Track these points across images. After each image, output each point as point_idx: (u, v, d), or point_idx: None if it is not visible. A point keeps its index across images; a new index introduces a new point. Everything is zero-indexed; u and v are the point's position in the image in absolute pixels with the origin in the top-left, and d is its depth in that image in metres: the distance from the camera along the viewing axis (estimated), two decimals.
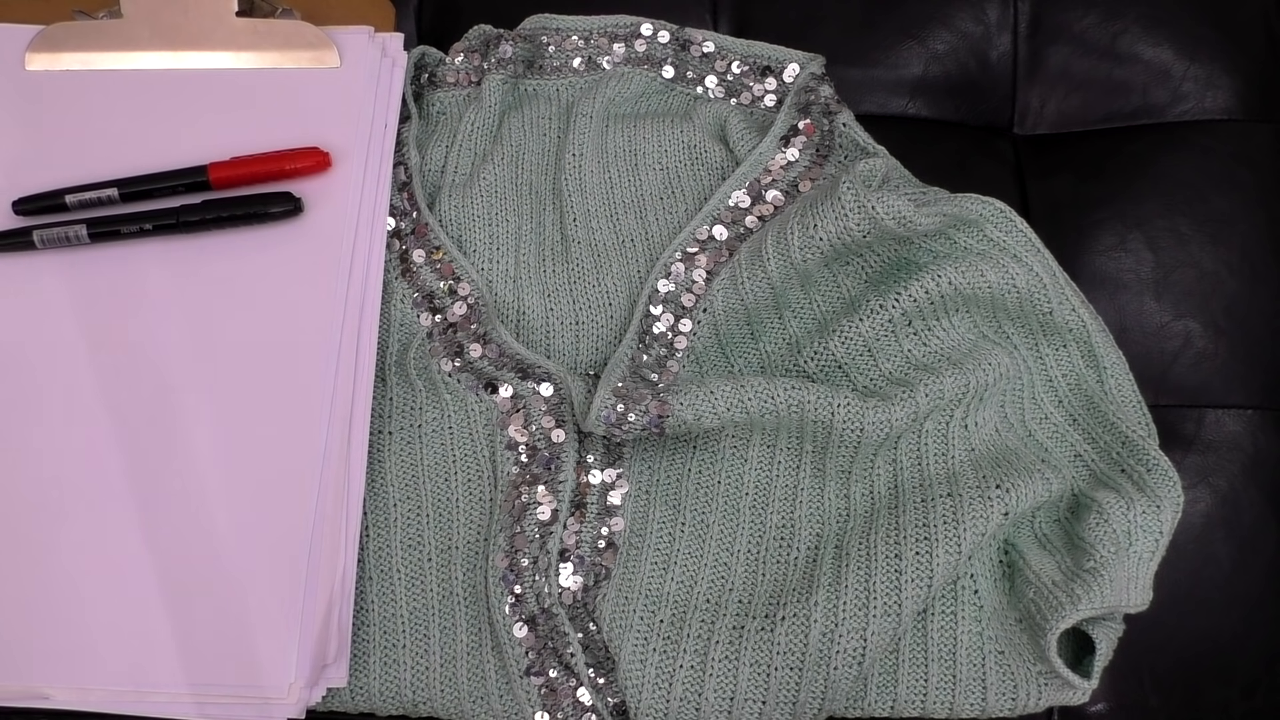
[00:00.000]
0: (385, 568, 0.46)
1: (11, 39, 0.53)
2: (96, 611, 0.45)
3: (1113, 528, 0.43)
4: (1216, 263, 0.53)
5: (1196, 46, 0.56)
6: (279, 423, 0.47)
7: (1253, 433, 0.51)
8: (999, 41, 0.57)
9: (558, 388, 0.47)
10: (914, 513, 0.44)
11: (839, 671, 0.42)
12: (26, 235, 0.49)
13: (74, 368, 0.48)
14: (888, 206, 0.45)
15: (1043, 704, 0.44)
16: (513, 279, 0.51)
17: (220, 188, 0.50)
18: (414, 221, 0.52)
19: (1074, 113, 0.57)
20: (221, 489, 0.46)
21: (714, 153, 0.53)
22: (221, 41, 0.53)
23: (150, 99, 0.52)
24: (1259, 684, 0.48)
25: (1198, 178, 0.54)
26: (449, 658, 0.45)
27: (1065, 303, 0.47)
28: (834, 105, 0.53)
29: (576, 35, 0.56)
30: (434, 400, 0.48)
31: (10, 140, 0.52)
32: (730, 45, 0.55)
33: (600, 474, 0.47)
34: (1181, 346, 0.52)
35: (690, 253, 0.51)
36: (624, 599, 0.45)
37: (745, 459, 0.47)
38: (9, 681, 0.44)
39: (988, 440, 0.47)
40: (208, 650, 0.44)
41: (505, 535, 0.45)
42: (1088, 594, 0.41)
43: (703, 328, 0.49)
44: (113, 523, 0.46)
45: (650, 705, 0.43)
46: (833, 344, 0.47)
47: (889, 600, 0.42)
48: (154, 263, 0.50)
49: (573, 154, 0.53)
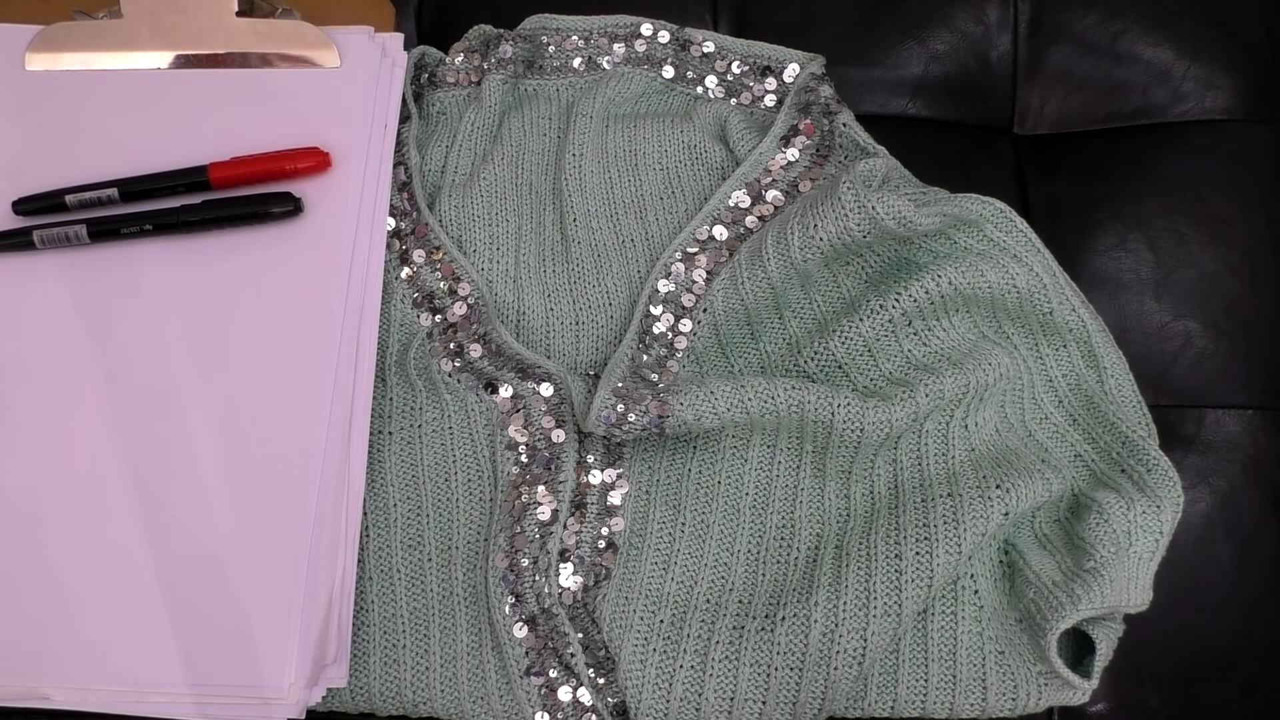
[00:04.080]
0: (385, 568, 0.46)
1: (11, 39, 0.53)
2: (96, 611, 0.45)
3: (1113, 528, 0.43)
4: (1217, 263, 0.53)
5: (1196, 46, 0.56)
6: (279, 423, 0.47)
7: (1253, 433, 0.51)
8: (999, 41, 0.57)
9: (558, 388, 0.47)
10: (914, 513, 0.44)
11: (839, 672, 0.42)
12: (26, 235, 0.49)
13: (74, 368, 0.48)
14: (888, 206, 0.45)
15: (1043, 704, 0.44)
16: (513, 279, 0.51)
17: (220, 188, 0.50)
18: (414, 221, 0.52)
19: (1074, 113, 0.57)
20: (221, 489, 0.46)
21: (714, 153, 0.53)
22: (221, 41, 0.53)
23: (150, 99, 0.52)
24: (1259, 684, 0.48)
25: (1198, 178, 0.54)
26: (449, 658, 0.45)
27: (1065, 303, 0.47)
28: (834, 105, 0.53)
29: (576, 35, 0.56)
30: (434, 400, 0.48)
31: (10, 140, 0.52)
32: (730, 45, 0.55)
33: (600, 474, 0.47)
34: (1181, 346, 0.52)
35: (690, 253, 0.51)
36: (624, 599, 0.45)
37: (745, 459, 0.47)
38: (9, 681, 0.44)
39: (988, 440, 0.47)
40: (208, 650, 0.44)
41: (505, 535, 0.45)
42: (1088, 594, 0.41)
43: (703, 328, 0.49)
44: (113, 523, 0.46)
45: (650, 705, 0.43)
46: (833, 344, 0.47)
47: (889, 600, 0.42)
48: (154, 263, 0.50)
49: (573, 154, 0.53)
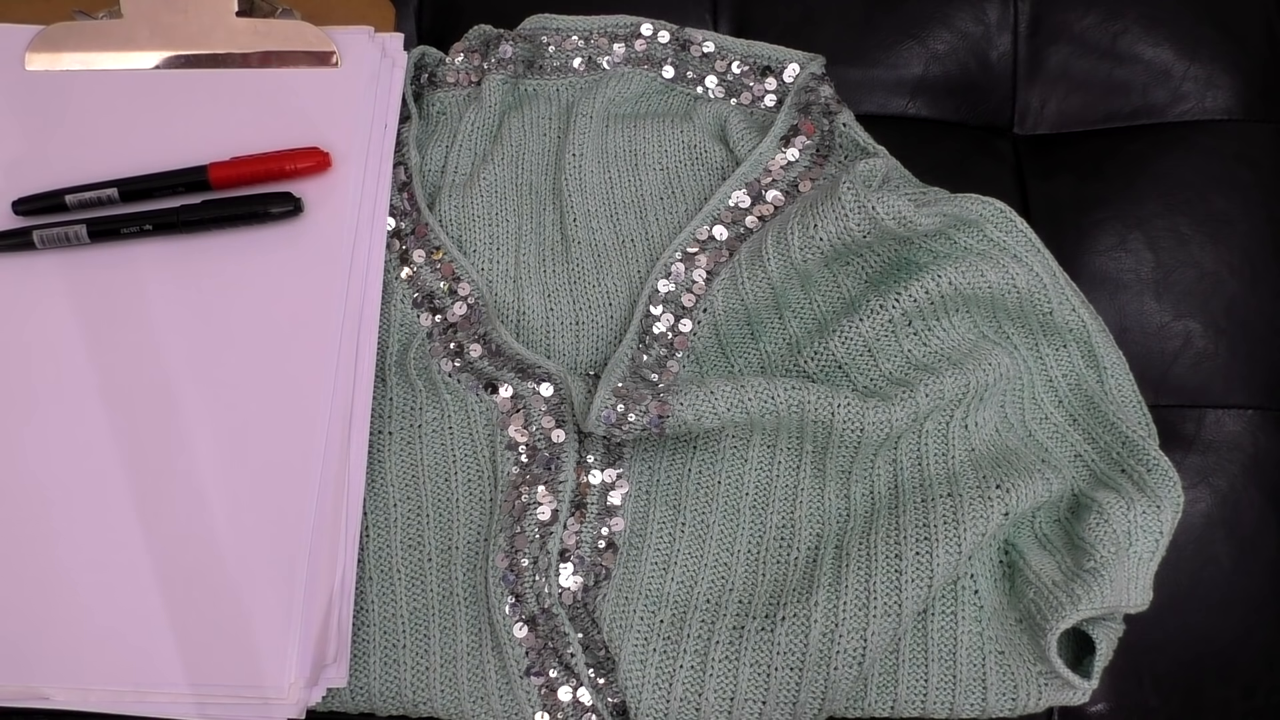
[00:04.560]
0: (385, 568, 0.46)
1: (11, 39, 0.53)
2: (96, 611, 0.45)
3: (1113, 528, 0.43)
4: (1217, 263, 0.53)
5: (1196, 46, 0.56)
6: (279, 423, 0.47)
7: (1253, 433, 0.51)
8: (999, 41, 0.57)
9: (558, 388, 0.47)
10: (914, 513, 0.44)
11: (839, 672, 0.42)
12: (26, 235, 0.49)
13: (74, 368, 0.48)
14: (888, 206, 0.45)
15: (1043, 704, 0.44)
16: (513, 279, 0.51)
17: (220, 188, 0.50)
18: (414, 221, 0.52)
19: (1074, 113, 0.57)
20: (222, 488, 0.46)
21: (714, 153, 0.53)
22: (221, 41, 0.53)
23: (150, 99, 0.52)
24: (1259, 684, 0.48)
25: (1198, 178, 0.54)
26: (449, 658, 0.45)
27: (1065, 303, 0.47)
28: (834, 105, 0.53)
29: (576, 35, 0.56)
30: (434, 400, 0.48)
31: (10, 140, 0.52)
32: (730, 45, 0.55)
33: (600, 474, 0.47)
34: (1182, 346, 0.52)
35: (690, 253, 0.51)
36: (624, 599, 0.45)
37: (745, 459, 0.47)
38: (9, 681, 0.44)
39: (988, 440, 0.47)
40: (208, 650, 0.44)
41: (505, 535, 0.45)
42: (1088, 594, 0.41)
43: (703, 328, 0.49)
44: (113, 523, 0.46)
45: (650, 705, 0.43)
46: (833, 344, 0.47)
47: (889, 600, 0.42)
48: (154, 263, 0.50)
49: (573, 154, 0.53)
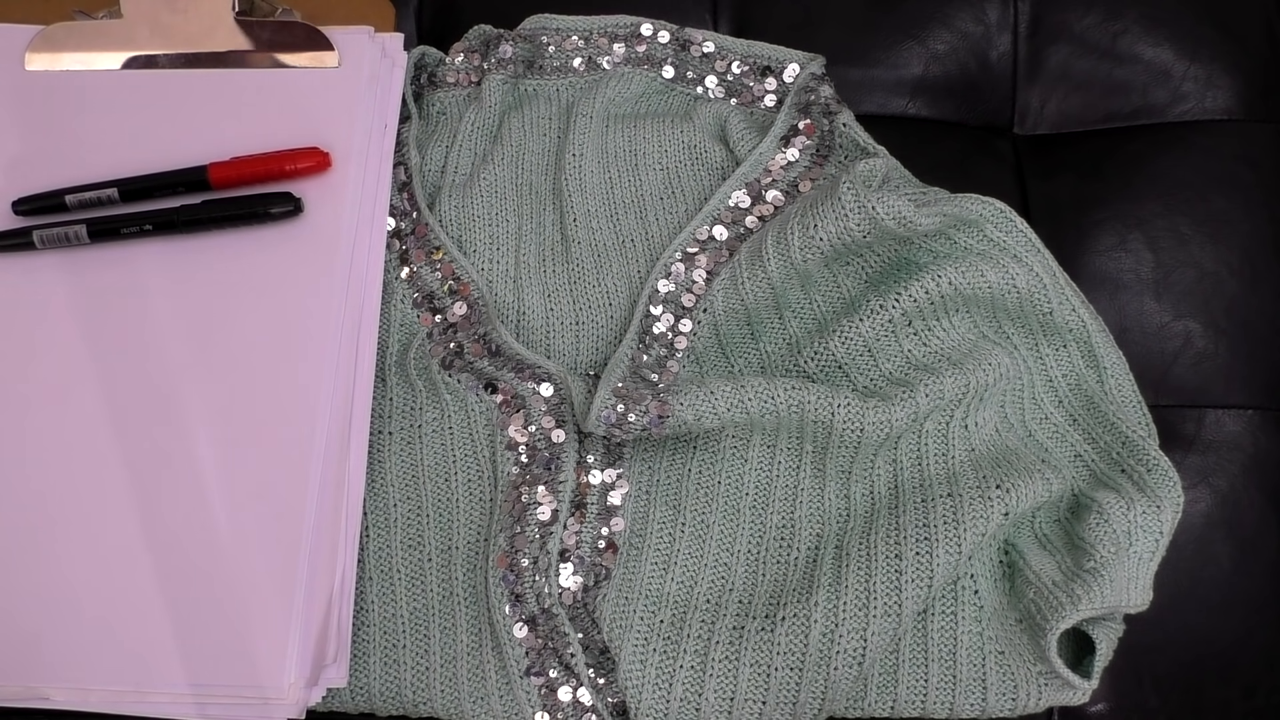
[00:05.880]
0: (385, 568, 0.46)
1: (11, 39, 0.53)
2: (96, 611, 0.45)
3: (1113, 528, 0.43)
4: (1217, 263, 0.53)
5: (1196, 46, 0.56)
6: (278, 423, 0.47)
7: (1253, 433, 0.51)
8: (999, 41, 0.57)
9: (558, 388, 0.47)
10: (914, 513, 0.44)
11: (839, 672, 0.42)
12: (26, 235, 0.49)
13: (74, 368, 0.48)
14: (888, 206, 0.45)
15: (1043, 704, 0.44)
16: (513, 279, 0.51)
17: (220, 188, 0.50)
18: (414, 221, 0.52)
19: (1074, 113, 0.57)
20: (221, 488, 0.46)
21: (714, 153, 0.53)
22: (221, 41, 0.53)
23: (150, 99, 0.52)
24: (1259, 684, 0.48)
25: (1198, 178, 0.54)
26: (449, 658, 0.45)
27: (1065, 303, 0.47)
28: (834, 105, 0.53)
29: (576, 35, 0.56)
30: (434, 400, 0.48)
31: (10, 140, 0.52)
32: (730, 45, 0.55)
33: (600, 474, 0.47)
34: (1181, 346, 0.52)
35: (690, 253, 0.51)
36: (624, 599, 0.45)
37: (745, 459, 0.47)
38: (9, 681, 0.44)
39: (988, 440, 0.47)
40: (208, 650, 0.44)
41: (505, 535, 0.45)
42: (1088, 594, 0.41)
43: (703, 328, 0.49)
44: (113, 523, 0.46)
45: (650, 706, 0.43)
46: (833, 344, 0.47)
47: (889, 600, 0.42)
48: (154, 263, 0.50)
49: (573, 154, 0.53)
